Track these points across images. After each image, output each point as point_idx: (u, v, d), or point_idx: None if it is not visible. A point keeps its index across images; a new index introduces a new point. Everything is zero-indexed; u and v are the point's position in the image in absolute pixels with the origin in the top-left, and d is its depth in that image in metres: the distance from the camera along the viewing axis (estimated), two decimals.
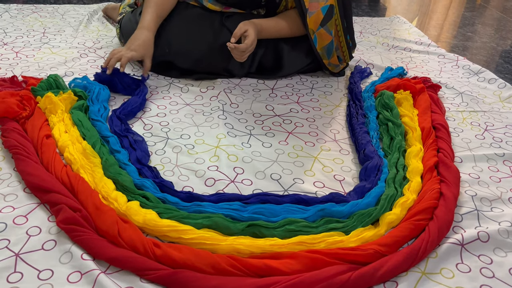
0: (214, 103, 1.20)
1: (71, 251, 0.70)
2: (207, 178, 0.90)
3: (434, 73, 1.47)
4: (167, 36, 1.28)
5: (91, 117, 1.03)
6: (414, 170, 0.93)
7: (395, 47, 1.67)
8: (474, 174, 0.97)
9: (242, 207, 0.80)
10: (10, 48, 1.42)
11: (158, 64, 1.31)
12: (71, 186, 0.82)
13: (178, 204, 0.80)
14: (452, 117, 1.20)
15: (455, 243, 0.76)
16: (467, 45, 1.80)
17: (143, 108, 1.14)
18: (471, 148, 1.07)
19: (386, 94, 1.19)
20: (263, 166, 0.95)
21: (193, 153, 0.98)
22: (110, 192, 0.81)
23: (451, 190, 0.87)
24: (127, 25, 1.35)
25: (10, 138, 0.92)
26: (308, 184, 0.91)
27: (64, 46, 1.47)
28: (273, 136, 1.07)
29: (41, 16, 1.72)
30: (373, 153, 0.98)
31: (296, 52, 1.32)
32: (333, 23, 1.26)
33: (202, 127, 1.09)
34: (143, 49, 1.19)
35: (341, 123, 1.15)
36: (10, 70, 1.27)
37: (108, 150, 0.93)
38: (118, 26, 1.41)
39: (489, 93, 1.35)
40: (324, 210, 0.80)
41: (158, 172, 0.90)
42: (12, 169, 0.88)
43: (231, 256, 0.69)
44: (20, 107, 1.02)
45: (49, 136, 0.96)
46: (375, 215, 0.81)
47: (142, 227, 0.75)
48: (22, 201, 0.80)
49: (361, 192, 0.88)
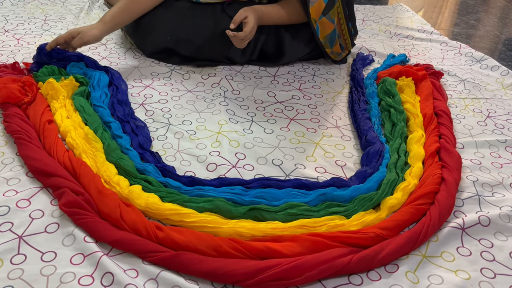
0: (215, 89, 1.19)
1: (74, 233, 0.70)
2: (209, 163, 0.90)
3: (437, 61, 1.46)
4: (168, 23, 1.27)
5: (93, 103, 1.03)
6: (416, 155, 0.93)
7: (397, 34, 1.67)
8: (476, 160, 0.97)
9: (243, 191, 0.80)
10: (12, 35, 1.42)
11: (159, 51, 1.31)
12: (73, 170, 0.82)
13: (180, 188, 0.80)
14: (454, 104, 1.20)
15: (456, 227, 0.77)
16: (470, 33, 1.79)
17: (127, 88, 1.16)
18: (473, 134, 1.07)
19: (388, 80, 1.19)
20: (265, 152, 0.95)
21: (194, 139, 0.98)
22: (112, 176, 0.82)
23: (452, 175, 0.87)
24: None
25: (12, 123, 0.92)
26: (310, 169, 0.91)
27: None
28: (275, 123, 1.07)
29: (42, 3, 1.71)
30: (375, 138, 0.98)
31: (297, 40, 1.32)
32: (335, 11, 1.26)
33: (203, 113, 1.09)
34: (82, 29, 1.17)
35: (343, 110, 1.15)
36: (11, 57, 1.27)
37: (110, 135, 0.94)
38: None
39: (492, 80, 1.35)
40: (325, 195, 0.81)
41: (160, 157, 0.90)
42: (14, 154, 0.88)
43: (232, 239, 0.70)
44: (22, 92, 1.02)
45: (51, 121, 0.96)
46: (376, 199, 0.82)
47: (144, 211, 0.75)
48: (25, 185, 0.80)
49: (363, 177, 0.88)
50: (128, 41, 1.42)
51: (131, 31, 1.35)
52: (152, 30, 1.29)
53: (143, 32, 1.31)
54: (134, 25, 1.32)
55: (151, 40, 1.30)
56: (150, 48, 1.32)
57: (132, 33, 1.35)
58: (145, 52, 1.34)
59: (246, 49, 1.30)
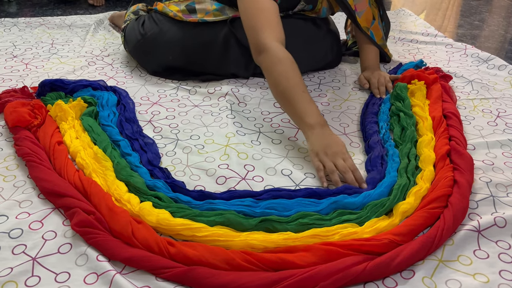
0: (222, 103, 1.20)
1: (87, 253, 0.70)
2: (218, 176, 0.90)
3: (443, 63, 1.46)
4: (172, 42, 1.28)
5: (101, 122, 1.04)
6: (426, 159, 0.92)
7: (401, 39, 1.66)
8: (488, 161, 0.95)
9: (254, 203, 0.80)
10: (20, 60, 1.45)
11: (162, 70, 1.32)
12: (84, 190, 0.82)
13: (190, 203, 0.80)
14: (463, 105, 1.19)
15: (471, 230, 0.75)
16: (475, 33, 1.78)
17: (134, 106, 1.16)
18: (484, 135, 1.05)
19: (399, 85, 1.19)
20: (274, 162, 0.95)
21: (203, 153, 0.99)
22: (123, 194, 0.82)
23: (465, 177, 0.86)
24: (131, 33, 1.36)
25: (23, 146, 0.93)
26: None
27: (72, 55, 1.49)
28: (282, 133, 1.07)
29: (48, 28, 1.75)
30: (376, 143, 0.99)
31: (301, 55, 1.31)
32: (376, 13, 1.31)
33: (211, 127, 1.09)
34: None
35: (350, 117, 1.14)
36: (20, 81, 1.29)
37: (119, 153, 0.94)
38: (122, 34, 1.42)
39: (500, 79, 1.34)
40: (336, 202, 0.80)
41: (169, 173, 0.90)
42: (26, 176, 0.89)
43: (245, 251, 0.69)
44: (32, 116, 1.03)
45: (61, 142, 0.97)
46: (388, 205, 0.81)
47: (156, 227, 0.75)
48: (37, 206, 0.81)
49: (373, 182, 0.88)
50: (134, 60, 1.44)
51: (134, 51, 1.36)
52: (155, 49, 1.31)
53: (146, 51, 1.33)
54: (137, 45, 1.33)
55: (154, 59, 1.32)
56: (154, 67, 1.33)
57: (135, 52, 1.37)
58: (148, 70, 1.36)
59: (250, 64, 1.30)
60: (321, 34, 1.34)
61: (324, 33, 1.35)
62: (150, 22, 1.33)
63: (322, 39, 1.35)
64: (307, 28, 1.32)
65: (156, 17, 1.33)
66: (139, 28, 1.34)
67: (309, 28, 1.32)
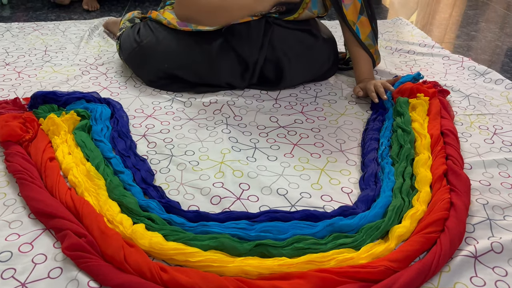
0: (217, 116, 1.19)
1: (78, 278, 0.69)
2: (212, 196, 0.89)
3: (439, 76, 1.45)
4: (167, 50, 1.27)
5: (94, 137, 1.03)
6: (423, 179, 0.91)
7: (398, 50, 1.66)
8: (485, 181, 0.95)
9: (249, 225, 0.79)
10: (12, 68, 1.42)
11: (158, 79, 1.30)
12: (75, 210, 0.81)
13: (184, 225, 0.79)
14: (460, 121, 1.18)
15: (468, 256, 0.75)
16: (471, 44, 1.78)
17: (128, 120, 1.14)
18: (480, 153, 1.05)
19: (399, 100, 1.18)
20: (269, 181, 0.94)
21: (197, 170, 0.97)
22: (115, 215, 0.80)
23: (461, 199, 0.85)
24: (126, 41, 1.34)
25: (14, 162, 0.92)
26: (316, 198, 0.90)
27: (66, 63, 1.47)
28: (278, 149, 1.06)
29: (42, 33, 1.73)
30: (371, 161, 0.98)
31: (297, 64, 1.31)
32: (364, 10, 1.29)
33: (206, 142, 1.08)
34: None
35: (347, 133, 1.14)
36: (12, 91, 1.27)
37: (112, 171, 0.93)
38: (117, 42, 1.40)
39: (496, 94, 1.33)
40: (332, 225, 0.79)
41: (163, 192, 0.89)
42: (16, 194, 0.87)
43: (239, 279, 0.68)
44: (23, 129, 1.01)
45: (53, 158, 0.96)
46: (383, 228, 0.80)
47: (148, 251, 0.74)
48: (27, 227, 0.79)
49: (367, 200, 0.87)
50: (129, 70, 1.43)
51: (129, 59, 1.35)
52: (150, 57, 1.29)
53: (141, 59, 1.31)
54: (132, 53, 1.32)
55: (149, 68, 1.30)
56: (149, 76, 1.32)
57: (130, 61, 1.35)
58: (143, 79, 1.34)
59: (245, 73, 1.29)
60: (318, 44, 1.33)
61: (321, 43, 1.34)
62: (145, 29, 1.32)
63: (319, 49, 1.34)
64: (304, 38, 1.31)
65: (151, 25, 1.32)
66: (135, 36, 1.32)
67: (306, 38, 1.31)
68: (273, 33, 1.27)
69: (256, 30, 1.26)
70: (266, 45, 1.26)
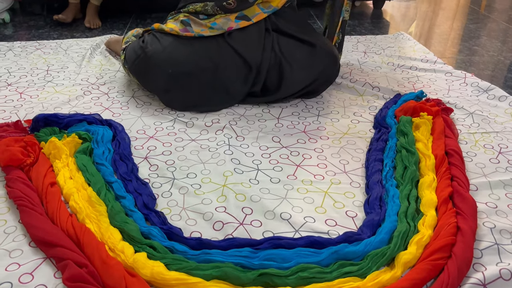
0: (219, 137, 1.18)
1: None
2: (215, 221, 0.88)
3: (443, 93, 1.44)
4: (171, 57, 1.27)
5: (96, 160, 1.02)
6: (428, 202, 0.90)
7: (400, 66, 1.65)
8: (491, 203, 0.93)
9: (252, 253, 0.78)
10: (14, 89, 1.42)
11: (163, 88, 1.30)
12: (76, 238, 0.80)
13: (186, 253, 0.78)
14: (464, 140, 1.17)
15: (476, 284, 0.73)
16: (474, 59, 1.77)
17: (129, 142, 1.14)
18: (486, 173, 1.04)
19: (402, 119, 1.17)
20: (272, 205, 0.93)
21: (200, 193, 0.96)
22: (117, 243, 0.79)
23: (468, 223, 0.84)
24: (131, 51, 1.34)
25: (15, 188, 0.91)
26: (320, 222, 0.89)
27: (68, 83, 1.47)
28: (281, 170, 1.05)
29: (44, 52, 1.73)
30: (376, 183, 0.97)
31: (298, 69, 1.31)
32: None
33: (208, 164, 1.07)
34: None
35: (350, 153, 1.13)
36: (14, 113, 1.27)
37: (114, 196, 0.92)
38: (123, 53, 1.40)
39: (500, 111, 1.32)
40: (337, 252, 0.78)
41: (165, 218, 0.88)
42: (17, 221, 0.86)
43: None
44: (25, 154, 1.01)
45: (54, 183, 0.95)
46: (389, 254, 0.79)
47: (150, 281, 0.73)
48: (27, 256, 0.78)
49: (372, 225, 0.86)
50: (130, 89, 1.42)
51: (134, 67, 1.34)
52: (155, 63, 1.28)
53: (146, 66, 1.30)
54: (137, 61, 1.31)
55: (154, 74, 1.29)
56: (153, 83, 1.32)
57: (134, 69, 1.34)
58: (147, 87, 1.35)
59: (249, 76, 1.30)
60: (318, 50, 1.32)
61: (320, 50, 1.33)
62: (150, 38, 1.33)
63: (319, 53, 1.33)
64: (302, 48, 1.32)
65: (156, 34, 1.33)
66: (140, 44, 1.33)
67: (304, 48, 1.32)
68: (274, 37, 1.31)
69: (256, 33, 1.30)
70: (268, 48, 1.29)
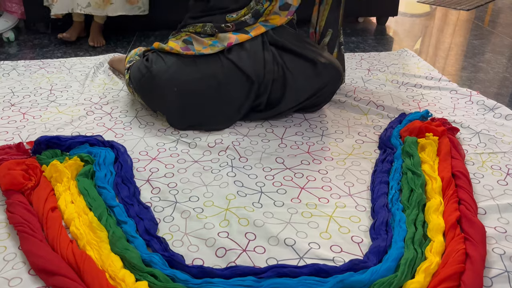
0: (222, 158, 1.17)
1: None
2: (217, 248, 0.86)
3: (448, 111, 1.43)
4: (174, 76, 1.27)
5: (97, 183, 1.01)
6: (435, 227, 0.88)
7: (405, 84, 1.64)
8: (500, 228, 0.91)
9: (256, 282, 0.76)
10: (18, 109, 1.42)
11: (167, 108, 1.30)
12: (77, 266, 0.78)
13: (188, 282, 0.76)
14: (471, 161, 1.15)
15: None
16: (479, 76, 1.76)
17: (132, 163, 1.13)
18: (494, 196, 1.02)
19: (408, 140, 1.15)
20: (276, 230, 0.91)
21: (202, 218, 0.95)
22: (118, 271, 0.78)
23: (477, 250, 0.82)
24: (135, 70, 1.34)
25: (15, 213, 0.90)
26: (325, 249, 0.87)
27: (71, 103, 1.47)
28: (285, 193, 1.03)
29: (48, 71, 1.73)
30: (382, 207, 0.95)
31: (300, 79, 1.32)
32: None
33: (211, 186, 1.05)
34: None
35: (355, 175, 1.11)
36: (17, 134, 1.27)
37: (115, 221, 0.90)
38: (127, 72, 1.39)
39: (507, 130, 1.30)
40: (343, 281, 0.76)
41: (167, 244, 0.86)
42: (17, 248, 0.85)
43: None
44: (26, 177, 1.00)
45: (55, 208, 0.94)
46: (396, 284, 0.77)
47: None
48: (27, 285, 0.77)
49: (378, 252, 0.84)
50: (133, 109, 1.42)
51: (139, 86, 1.34)
52: (159, 83, 1.28)
53: (151, 85, 1.30)
54: (142, 80, 1.31)
55: (159, 93, 1.29)
56: (158, 103, 1.32)
57: (139, 88, 1.34)
58: (152, 107, 1.35)
59: (252, 89, 1.29)
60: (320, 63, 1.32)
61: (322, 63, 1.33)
62: (155, 56, 1.33)
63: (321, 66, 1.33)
64: (304, 60, 1.32)
65: (160, 53, 1.33)
66: (144, 62, 1.33)
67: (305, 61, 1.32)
68: (274, 51, 1.32)
69: (255, 47, 1.31)
70: (270, 61, 1.30)
